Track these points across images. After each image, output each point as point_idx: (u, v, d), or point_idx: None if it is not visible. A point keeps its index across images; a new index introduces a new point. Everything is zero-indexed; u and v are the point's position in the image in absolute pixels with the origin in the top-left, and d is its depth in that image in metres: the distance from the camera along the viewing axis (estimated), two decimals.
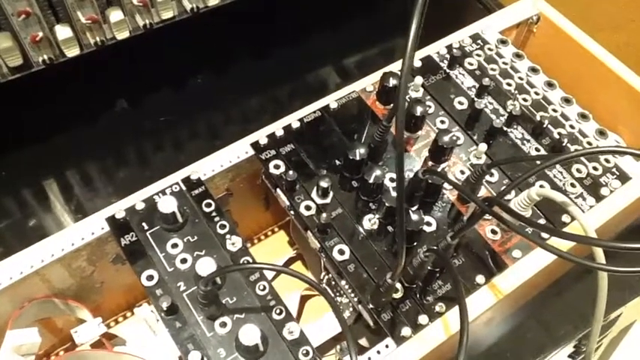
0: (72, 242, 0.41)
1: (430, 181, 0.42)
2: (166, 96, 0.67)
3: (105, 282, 0.46)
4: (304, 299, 0.53)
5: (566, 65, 0.55)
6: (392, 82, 0.46)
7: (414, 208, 0.43)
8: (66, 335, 0.47)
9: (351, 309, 0.45)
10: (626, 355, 0.52)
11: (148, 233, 0.41)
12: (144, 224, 0.41)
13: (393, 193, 0.42)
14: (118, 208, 0.41)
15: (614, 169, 0.47)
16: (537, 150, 0.47)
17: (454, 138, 0.44)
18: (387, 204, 0.41)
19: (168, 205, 0.40)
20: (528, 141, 0.47)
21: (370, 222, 0.42)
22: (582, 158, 0.47)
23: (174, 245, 0.40)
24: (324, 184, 0.41)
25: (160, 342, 0.48)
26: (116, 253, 0.44)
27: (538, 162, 0.33)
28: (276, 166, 0.44)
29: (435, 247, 0.37)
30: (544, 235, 0.41)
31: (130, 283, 0.46)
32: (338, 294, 0.45)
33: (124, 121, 0.65)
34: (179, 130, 0.64)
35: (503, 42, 0.53)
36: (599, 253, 0.33)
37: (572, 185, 0.45)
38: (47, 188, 0.60)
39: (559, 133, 0.48)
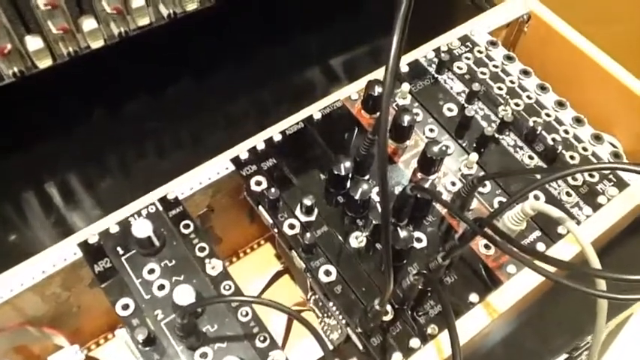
0: (42, 270, 0.39)
1: (419, 196, 0.40)
2: (147, 104, 0.64)
3: (82, 306, 0.44)
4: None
5: (558, 65, 0.53)
6: (377, 90, 0.44)
7: (403, 224, 0.41)
8: None
9: (339, 330, 0.43)
10: (624, 347, 0.50)
11: (123, 258, 0.39)
12: (119, 249, 0.39)
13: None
14: (91, 233, 0.39)
15: (611, 176, 0.45)
16: (531, 158, 0.45)
17: (443, 148, 0.42)
18: (374, 221, 0.39)
19: (142, 229, 0.37)
20: (521, 148, 0.46)
21: (357, 240, 0.40)
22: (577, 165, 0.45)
23: (151, 271, 0.38)
24: (307, 201, 0.39)
25: None
26: (92, 277, 0.42)
27: (536, 175, 0.31)
28: (258, 183, 0.42)
29: (425, 271, 0.35)
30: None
31: (109, 305, 0.43)
32: (326, 315, 0.43)
33: (103, 131, 0.62)
34: (161, 139, 0.62)
35: (494, 44, 0.51)
36: (601, 281, 0.31)
37: (568, 194, 0.43)
38: (22, 202, 0.58)
39: (553, 139, 0.46)
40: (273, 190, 0.40)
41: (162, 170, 0.59)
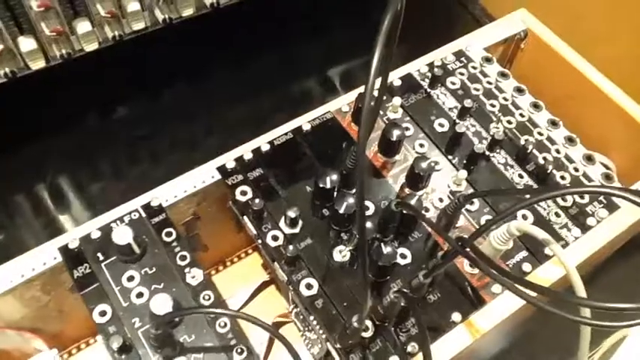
0: (22, 273, 0.38)
1: (405, 212, 0.39)
2: (141, 108, 0.64)
3: (63, 310, 0.44)
4: (278, 326, 0.51)
5: (554, 84, 0.52)
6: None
7: (388, 239, 0.40)
8: None
9: (320, 345, 0.43)
10: None
11: (103, 265, 0.38)
12: (99, 255, 0.38)
13: (369, 224, 0.40)
14: (72, 237, 0.39)
15: (601, 198, 0.44)
16: (521, 176, 0.45)
17: (432, 164, 0.42)
18: (358, 236, 0.38)
19: (122, 236, 0.37)
20: (512, 167, 0.45)
21: (341, 254, 0.39)
22: (568, 185, 0.44)
23: (131, 278, 0.38)
24: (291, 213, 0.39)
25: None
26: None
27: (521, 195, 0.31)
28: (243, 192, 0.41)
29: (405, 290, 0.34)
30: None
31: None
32: (307, 329, 0.43)
33: (94, 134, 0.62)
34: (153, 144, 0.62)
35: (488, 60, 0.51)
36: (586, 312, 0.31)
37: (557, 215, 0.43)
38: (14, 203, 0.57)
39: (544, 159, 0.46)
40: (257, 200, 0.40)
41: (153, 175, 0.59)
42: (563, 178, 0.45)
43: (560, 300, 0.26)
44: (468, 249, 0.31)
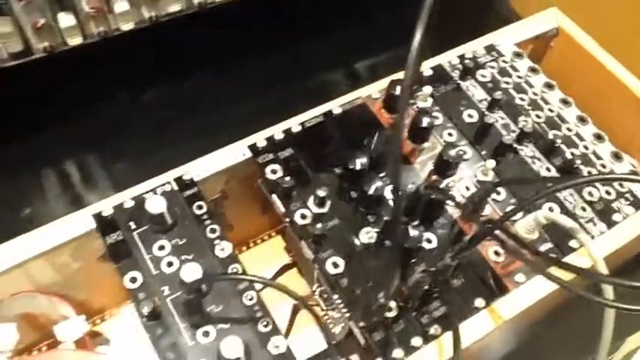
0: (57, 237, 0.39)
1: (432, 197, 0.40)
2: (166, 93, 0.65)
3: (91, 279, 0.45)
4: (297, 309, 0.51)
5: (583, 82, 0.52)
6: (399, 89, 0.44)
7: (414, 223, 0.41)
8: (49, 331, 0.46)
9: (342, 324, 0.43)
10: None
11: (134, 233, 0.39)
12: (131, 223, 0.39)
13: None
14: (106, 205, 0.40)
15: (627, 195, 0.44)
16: (548, 170, 0.45)
17: (460, 153, 0.42)
18: (385, 217, 0.39)
19: (156, 205, 0.38)
20: (539, 160, 0.45)
21: (367, 235, 0.40)
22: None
23: (161, 247, 0.39)
24: (321, 192, 0.40)
25: (145, 343, 0.47)
26: (104, 250, 0.42)
27: (552, 183, 0.31)
28: (273, 171, 0.42)
29: (432, 269, 0.35)
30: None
31: (118, 280, 0.44)
32: (330, 308, 0.43)
33: (121, 117, 0.63)
34: (178, 129, 0.63)
35: (519, 55, 0.51)
36: (608, 288, 0.31)
37: (583, 209, 0.43)
38: (41, 180, 0.59)
39: (572, 154, 0.46)
40: (287, 178, 0.40)
41: (177, 159, 0.60)
42: (590, 174, 0.45)
43: (596, 279, 0.26)
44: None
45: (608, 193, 0.44)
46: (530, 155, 0.46)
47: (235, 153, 0.44)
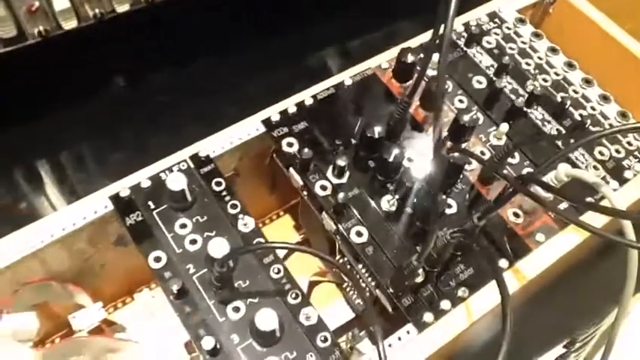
0: (73, 222, 0.38)
1: (452, 161, 0.40)
2: (169, 74, 0.64)
3: (105, 265, 0.44)
4: (312, 285, 0.51)
5: (583, 47, 0.53)
6: (410, 58, 0.44)
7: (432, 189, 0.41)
8: (63, 321, 0.45)
9: (366, 294, 0.43)
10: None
11: (154, 212, 0.38)
12: (150, 203, 0.39)
13: (414, 173, 0.40)
14: (122, 186, 0.39)
15: (636, 152, 0.45)
16: (559, 132, 0.45)
17: (474, 117, 0.42)
18: (407, 184, 0.39)
19: (177, 182, 0.37)
20: (549, 122, 0.46)
21: (389, 203, 0.40)
22: (604, 140, 0.45)
23: (183, 225, 0.38)
24: (341, 162, 0.39)
25: (161, 329, 0.46)
26: (118, 234, 0.41)
27: (577, 138, 0.31)
28: (289, 144, 0.42)
29: (462, 229, 0.35)
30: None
31: (131, 266, 0.43)
32: (353, 278, 0.43)
33: (121, 101, 0.62)
34: (182, 111, 0.61)
35: (522, 21, 0.51)
36: (629, 230, 0.32)
37: (595, 168, 0.44)
38: (41, 169, 0.57)
39: (580, 115, 0.46)
40: (306, 150, 0.40)
41: (182, 144, 0.59)
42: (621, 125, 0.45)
43: (633, 218, 0.26)
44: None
45: (617, 151, 0.45)
46: (540, 118, 0.46)
47: (249, 128, 0.43)
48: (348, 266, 0.41)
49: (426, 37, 0.49)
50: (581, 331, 0.47)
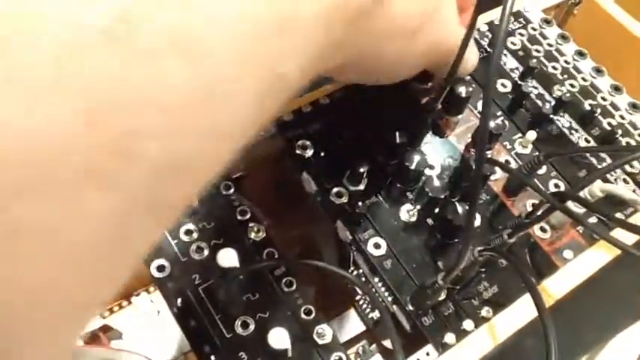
0: None
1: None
2: None
3: None
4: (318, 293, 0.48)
5: (609, 51, 0.50)
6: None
7: (455, 199, 0.38)
8: None
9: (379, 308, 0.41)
10: None
11: None
12: None
13: (437, 182, 0.38)
14: None
15: None
16: (587, 141, 0.43)
17: (500, 123, 0.40)
18: (430, 194, 0.36)
19: None
20: (577, 130, 0.43)
21: (409, 213, 0.37)
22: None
23: (188, 232, 0.35)
24: (360, 168, 0.37)
25: (159, 338, 0.44)
26: None
27: (618, 153, 0.29)
28: (303, 146, 0.39)
29: (490, 247, 0.33)
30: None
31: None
32: (367, 292, 0.41)
33: None
34: None
35: (548, 22, 0.49)
36: None
37: (625, 181, 0.41)
38: None
39: (609, 124, 0.44)
40: (321, 154, 0.37)
41: None
42: (628, 144, 0.43)
43: None
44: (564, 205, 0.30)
45: None
46: (567, 126, 0.43)
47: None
48: (363, 279, 0.39)
49: None
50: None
